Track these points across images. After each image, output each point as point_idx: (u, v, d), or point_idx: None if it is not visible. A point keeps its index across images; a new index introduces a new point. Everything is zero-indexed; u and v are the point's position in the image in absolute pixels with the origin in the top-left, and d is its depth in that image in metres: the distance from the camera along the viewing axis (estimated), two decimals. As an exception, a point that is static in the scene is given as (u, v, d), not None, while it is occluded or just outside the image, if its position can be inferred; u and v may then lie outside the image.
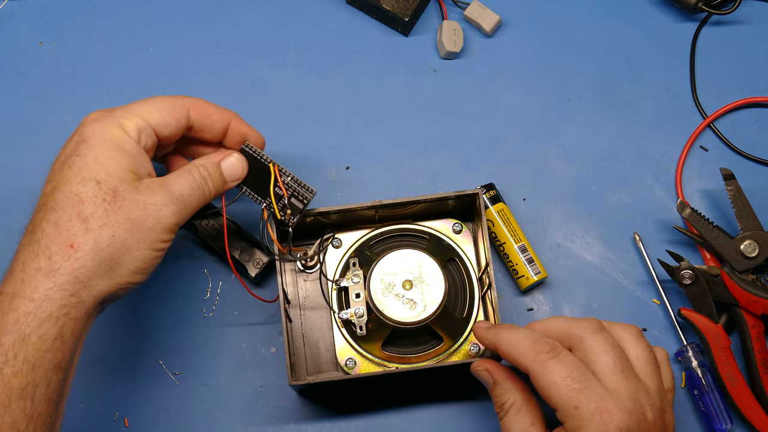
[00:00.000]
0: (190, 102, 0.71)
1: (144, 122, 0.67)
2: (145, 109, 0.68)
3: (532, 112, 0.90)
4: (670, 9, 0.93)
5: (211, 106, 0.72)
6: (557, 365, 0.64)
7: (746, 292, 0.81)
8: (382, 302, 0.75)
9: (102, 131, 0.65)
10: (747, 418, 0.80)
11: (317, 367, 0.80)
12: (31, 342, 0.60)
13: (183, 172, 0.69)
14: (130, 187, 0.64)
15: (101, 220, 0.63)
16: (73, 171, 0.64)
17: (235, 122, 0.74)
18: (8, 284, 0.62)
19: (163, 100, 0.69)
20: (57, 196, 0.63)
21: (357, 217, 0.79)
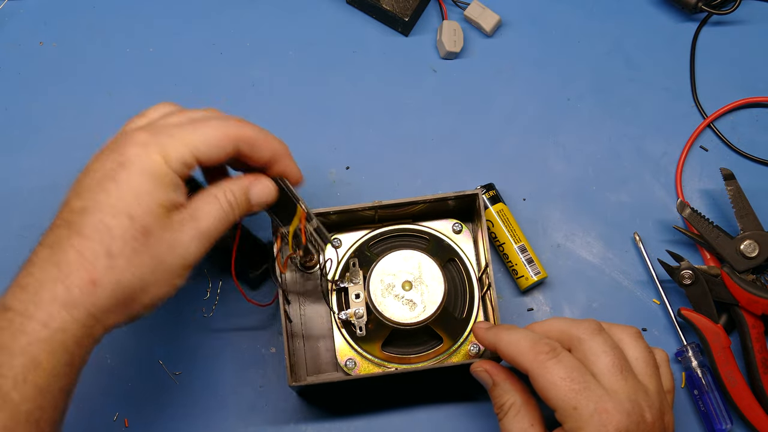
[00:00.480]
0: (242, 134, 0.66)
1: (189, 154, 0.63)
2: (193, 139, 0.64)
3: (532, 112, 0.90)
4: (670, 9, 0.92)
5: (261, 140, 0.68)
6: (556, 366, 0.64)
7: (746, 292, 0.81)
8: (381, 303, 0.75)
9: (145, 159, 0.62)
10: (747, 418, 0.80)
11: (317, 368, 0.80)
12: (42, 368, 0.59)
13: (211, 199, 0.66)
14: (161, 224, 0.62)
15: (127, 259, 0.61)
16: (108, 199, 0.61)
17: (282, 160, 0.70)
18: (20, 301, 0.60)
19: (214, 129, 0.65)
20: (86, 221, 0.61)
21: (357, 218, 0.79)
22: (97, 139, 0.88)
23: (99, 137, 0.88)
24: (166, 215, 0.62)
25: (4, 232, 0.85)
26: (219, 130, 0.65)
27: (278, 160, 0.69)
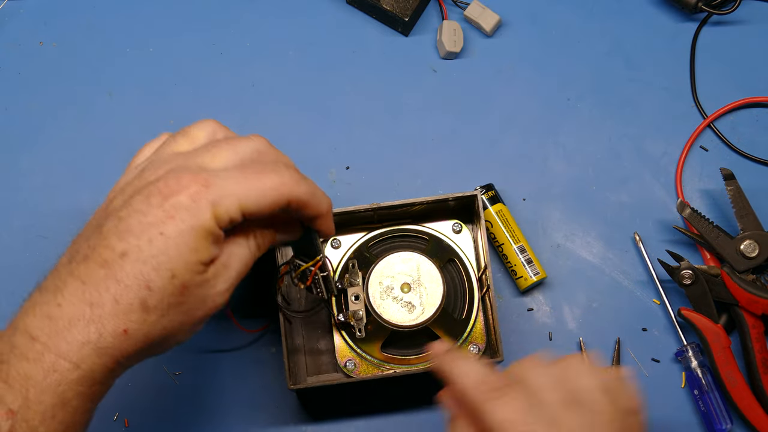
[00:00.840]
0: (296, 195, 0.63)
1: (239, 212, 0.61)
2: (248, 196, 0.61)
3: (532, 112, 0.90)
4: (670, 9, 0.92)
5: (312, 202, 0.65)
6: (502, 406, 0.62)
7: (746, 292, 0.81)
8: (380, 306, 0.75)
9: (196, 216, 0.59)
10: (747, 418, 0.80)
11: (317, 368, 0.80)
12: (70, 406, 0.59)
13: (243, 247, 0.64)
14: (200, 280, 0.61)
15: (161, 313, 0.60)
16: (152, 251, 0.59)
17: (323, 219, 0.68)
18: (49, 335, 0.59)
19: (269, 187, 0.62)
20: (126, 268, 0.59)
21: (356, 218, 0.79)
22: (98, 139, 0.88)
23: (99, 137, 0.88)
24: (205, 271, 0.61)
25: (4, 231, 0.85)
26: (274, 189, 0.63)
27: (319, 218, 0.68)
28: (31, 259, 0.84)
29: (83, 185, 0.86)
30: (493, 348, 0.78)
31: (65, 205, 0.86)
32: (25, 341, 0.59)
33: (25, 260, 0.84)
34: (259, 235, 0.66)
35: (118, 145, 0.87)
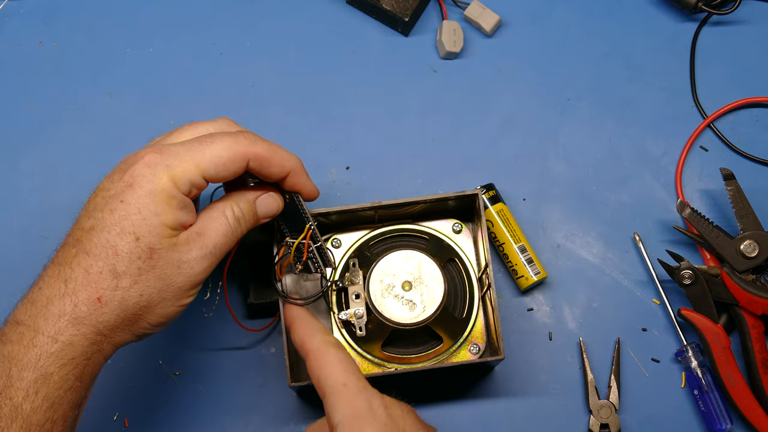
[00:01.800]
0: (251, 152, 0.66)
1: (197, 174, 0.64)
2: (202, 158, 0.64)
3: (532, 112, 0.90)
4: (670, 9, 0.92)
5: (271, 157, 0.67)
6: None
7: (746, 292, 0.81)
8: (381, 303, 0.75)
9: (152, 180, 0.62)
10: (747, 418, 0.80)
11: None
12: (53, 381, 0.60)
13: (218, 215, 0.66)
14: (167, 244, 0.63)
15: (132, 278, 0.62)
16: (114, 218, 0.62)
17: (295, 176, 0.70)
18: (29, 315, 0.61)
19: (222, 148, 0.65)
20: (93, 240, 0.62)
21: (357, 218, 0.79)
22: (98, 139, 0.88)
23: (99, 137, 0.88)
24: (173, 235, 0.63)
25: (4, 231, 0.85)
26: (228, 149, 0.65)
27: (291, 176, 0.69)
28: (31, 259, 0.84)
29: (83, 185, 0.85)
30: (493, 347, 0.78)
31: (65, 206, 0.86)
32: (11, 327, 0.61)
33: (25, 260, 0.84)
34: (237, 206, 0.67)
35: (118, 145, 0.87)
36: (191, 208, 0.65)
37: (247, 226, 0.69)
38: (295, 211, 0.72)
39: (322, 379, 0.64)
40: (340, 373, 0.64)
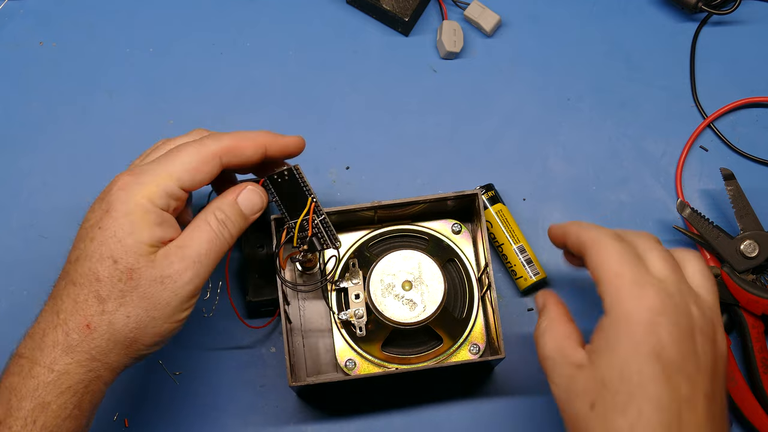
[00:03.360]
0: (219, 149, 0.66)
1: (172, 186, 0.64)
2: (174, 170, 0.65)
3: (532, 112, 0.90)
4: (670, 9, 0.92)
5: (243, 142, 0.68)
6: (614, 243, 0.63)
7: (746, 292, 0.81)
8: (381, 303, 0.75)
9: (127, 202, 0.63)
10: (747, 418, 0.80)
11: (317, 368, 0.80)
12: (50, 410, 0.61)
13: (200, 223, 0.66)
14: (146, 262, 0.63)
15: (117, 301, 0.62)
16: (94, 245, 0.63)
17: (271, 143, 0.70)
18: (28, 348, 0.63)
19: (191, 154, 0.65)
20: (78, 270, 0.63)
21: (356, 218, 0.79)
22: (98, 139, 0.88)
23: (99, 137, 0.88)
24: (153, 252, 0.64)
25: (4, 231, 0.85)
26: (195, 154, 0.66)
27: (268, 146, 0.70)
28: (31, 259, 0.84)
29: (83, 185, 0.86)
30: (494, 347, 0.78)
31: (65, 205, 0.86)
32: (13, 361, 0.63)
33: (25, 260, 0.84)
34: (219, 210, 0.67)
35: (118, 145, 0.87)
36: (171, 223, 0.65)
37: (236, 227, 0.68)
38: (295, 188, 0.72)
39: (598, 272, 0.63)
40: (613, 264, 0.62)
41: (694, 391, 0.59)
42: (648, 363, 0.58)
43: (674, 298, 0.60)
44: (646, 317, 0.59)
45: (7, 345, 0.81)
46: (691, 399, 0.58)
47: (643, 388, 0.58)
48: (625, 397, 0.58)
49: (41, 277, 0.82)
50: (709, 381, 0.60)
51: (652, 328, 0.59)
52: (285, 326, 0.75)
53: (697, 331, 0.61)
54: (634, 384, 0.58)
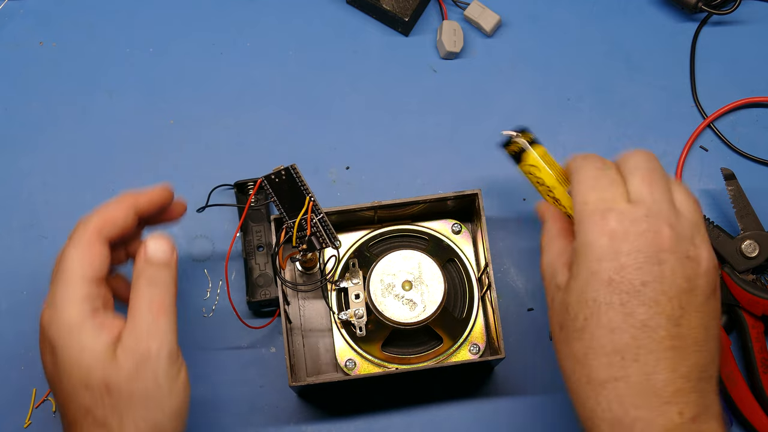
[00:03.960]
0: (94, 229, 0.65)
1: (87, 288, 0.63)
2: (72, 274, 0.63)
3: (532, 112, 0.90)
4: (670, 9, 0.92)
5: (110, 213, 0.67)
6: (591, 170, 0.63)
7: (746, 293, 0.81)
8: (381, 303, 0.75)
9: (60, 330, 0.62)
10: (747, 418, 0.80)
11: (317, 368, 0.80)
12: None
13: (136, 299, 0.64)
14: (114, 368, 0.61)
15: (117, 418, 0.61)
16: (63, 384, 0.62)
17: (138, 203, 0.69)
18: None
19: (75, 253, 0.64)
20: (67, 414, 0.63)
21: (356, 218, 0.79)
22: (98, 139, 0.88)
23: (99, 137, 0.88)
24: (112, 356, 0.62)
25: (4, 231, 0.85)
26: (79, 249, 0.64)
27: (136, 205, 0.68)
28: (31, 259, 0.84)
29: (83, 185, 0.86)
30: (494, 347, 0.78)
31: (65, 206, 0.86)
32: None
33: (25, 260, 0.84)
34: (142, 278, 0.65)
35: (118, 145, 0.87)
36: (109, 315, 0.64)
37: (165, 277, 0.66)
38: (293, 188, 0.72)
39: (573, 195, 0.64)
40: (583, 191, 0.63)
41: (652, 315, 0.59)
42: (602, 289, 0.59)
43: (640, 223, 0.60)
44: (605, 244, 0.60)
45: (8, 345, 0.81)
46: (649, 323, 0.59)
47: (596, 314, 0.59)
48: (581, 322, 0.60)
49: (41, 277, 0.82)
50: (677, 303, 0.59)
51: (612, 255, 0.59)
52: (285, 326, 0.75)
53: (667, 253, 0.60)
54: (589, 310, 0.60)
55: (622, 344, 0.58)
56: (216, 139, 0.88)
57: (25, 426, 0.80)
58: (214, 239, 0.85)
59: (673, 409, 0.58)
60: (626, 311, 0.59)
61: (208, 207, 0.83)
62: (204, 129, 0.88)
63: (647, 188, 0.62)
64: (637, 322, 0.58)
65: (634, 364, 0.58)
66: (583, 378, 0.60)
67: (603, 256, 0.59)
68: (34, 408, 0.80)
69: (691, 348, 0.59)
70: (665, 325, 0.59)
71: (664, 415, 0.58)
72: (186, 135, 0.88)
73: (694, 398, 0.58)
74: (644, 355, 0.58)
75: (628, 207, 0.61)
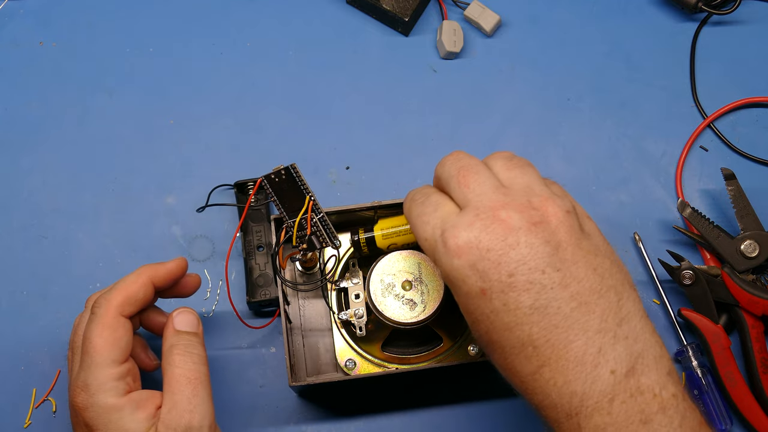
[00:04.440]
0: (115, 308, 0.68)
1: (115, 370, 0.66)
2: (103, 357, 0.66)
3: (532, 112, 0.90)
4: (670, 9, 0.92)
5: (129, 288, 0.69)
6: (416, 207, 0.63)
7: (746, 293, 0.81)
8: (381, 303, 0.75)
9: (98, 414, 0.64)
10: (747, 418, 0.80)
11: (317, 368, 0.80)
12: None
13: (170, 371, 0.67)
14: None
15: None
16: None
17: (156, 276, 0.71)
18: None
19: (99, 329, 0.67)
20: None
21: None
22: (98, 139, 0.88)
23: (99, 137, 0.88)
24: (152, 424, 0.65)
25: (4, 231, 0.85)
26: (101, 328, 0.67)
27: (154, 279, 0.71)
28: (31, 259, 0.84)
29: (83, 185, 0.86)
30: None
31: (65, 205, 0.86)
32: None
33: (25, 260, 0.84)
34: (175, 348, 0.68)
35: (118, 145, 0.87)
36: (146, 395, 0.66)
37: (196, 348, 0.69)
38: (293, 187, 0.72)
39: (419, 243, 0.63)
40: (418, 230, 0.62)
41: (536, 295, 0.57)
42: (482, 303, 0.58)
43: (474, 224, 0.58)
44: (458, 265, 0.58)
45: (8, 345, 0.81)
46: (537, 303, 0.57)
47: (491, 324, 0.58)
48: (486, 337, 0.60)
49: (41, 277, 0.83)
50: (551, 269, 0.57)
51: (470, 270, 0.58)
52: (285, 326, 0.74)
53: (513, 234, 0.57)
54: (484, 325, 0.59)
55: (525, 336, 0.57)
56: (216, 139, 0.88)
57: (25, 426, 0.80)
58: (214, 239, 0.85)
59: (603, 370, 0.56)
60: (512, 307, 0.57)
61: (208, 207, 0.83)
62: (204, 129, 0.88)
63: (466, 188, 0.60)
64: (527, 309, 0.57)
65: (547, 345, 0.57)
66: (516, 380, 0.60)
67: (464, 276, 0.58)
68: (34, 408, 0.80)
69: (592, 298, 0.57)
70: (554, 296, 0.57)
71: (597, 380, 0.56)
72: (186, 135, 0.88)
73: (621, 349, 0.56)
74: (552, 332, 0.57)
75: (458, 217, 0.59)
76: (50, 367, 0.81)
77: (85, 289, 0.83)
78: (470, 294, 0.58)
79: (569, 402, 0.56)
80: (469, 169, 0.61)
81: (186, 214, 0.85)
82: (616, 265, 0.60)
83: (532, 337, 0.57)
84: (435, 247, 0.60)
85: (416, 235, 0.62)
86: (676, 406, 0.56)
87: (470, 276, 0.58)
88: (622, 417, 0.55)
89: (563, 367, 0.56)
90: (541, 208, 0.59)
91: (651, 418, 0.55)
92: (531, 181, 0.62)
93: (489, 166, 0.63)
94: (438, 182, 0.64)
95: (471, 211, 0.59)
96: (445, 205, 0.61)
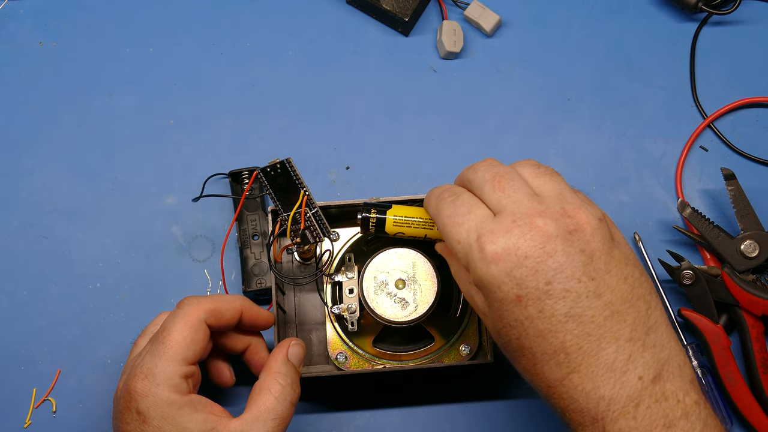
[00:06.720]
0: (203, 311, 0.68)
1: (184, 365, 0.66)
2: (176, 351, 0.66)
3: (532, 112, 0.90)
4: (670, 9, 0.92)
5: (222, 304, 0.70)
6: (446, 207, 0.62)
7: (746, 293, 0.81)
8: (373, 300, 0.74)
9: (156, 404, 0.64)
10: (747, 418, 0.80)
11: (308, 359, 0.80)
12: None
13: (263, 398, 0.68)
14: None
15: None
16: None
17: (246, 313, 0.72)
18: None
19: (180, 326, 0.67)
20: None
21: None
22: (98, 139, 0.88)
23: (99, 137, 0.88)
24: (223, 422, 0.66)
25: (4, 231, 0.85)
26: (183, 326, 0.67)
27: (244, 313, 0.72)
28: (31, 259, 0.85)
29: (83, 185, 0.87)
30: (484, 349, 0.78)
31: (65, 205, 0.86)
32: None
33: (25, 260, 0.84)
34: (279, 375, 0.69)
35: (118, 145, 0.88)
36: (199, 401, 0.66)
37: (295, 386, 0.69)
38: (288, 181, 0.72)
39: (448, 243, 0.63)
40: (451, 232, 0.62)
41: (571, 303, 0.57)
42: (516, 309, 0.58)
43: (513, 231, 0.58)
44: (495, 271, 0.58)
45: (8, 345, 0.81)
46: (573, 312, 0.57)
47: (524, 331, 0.58)
48: (516, 342, 0.60)
49: (41, 277, 0.83)
50: (586, 278, 0.57)
51: (506, 277, 0.58)
52: (277, 316, 0.75)
53: (551, 242, 0.58)
54: (516, 330, 0.59)
55: (558, 343, 0.58)
56: (216, 140, 0.88)
57: (25, 426, 0.80)
58: (214, 239, 0.85)
59: (632, 376, 0.57)
60: (548, 314, 0.58)
61: (204, 198, 0.83)
62: (204, 129, 0.88)
63: (501, 194, 0.60)
64: (562, 317, 0.57)
65: (579, 352, 0.57)
66: (543, 385, 0.60)
67: (499, 282, 0.58)
68: (34, 408, 0.81)
69: (623, 307, 0.58)
70: (588, 305, 0.57)
71: (625, 385, 0.57)
72: (186, 135, 0.88)
73: (649, 357, 0.57)
74: (585, 340, 0.57)
75: (495, 222, 0.59)
76: (50, 367, 0.81)
77: (85, 289, 0.83)
78: (505, 300, 0.58)
79: (596, 407, 0.57)
80: (503, 175, 0.62)
81: (186, 214, 0.85)
82: (643, 274, 0.61)
83: (565, 345, 0.57)
84: (469, 251, 0.60)
85: (446, 236, 0.62)
86: (698, 413, 0.57)
87: (506, 282, 0.58)
88: (647, 421, 0.56)
89: (593, 374, 0.57)
90: (575, 216, 0.59)
91: (674, 423, 0.56)
92: (561, 188, 0.62)
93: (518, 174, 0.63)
94: (468, 185, 0.64)
95: (508, 217, 0.59)
96: (478, 207, 0.61)
